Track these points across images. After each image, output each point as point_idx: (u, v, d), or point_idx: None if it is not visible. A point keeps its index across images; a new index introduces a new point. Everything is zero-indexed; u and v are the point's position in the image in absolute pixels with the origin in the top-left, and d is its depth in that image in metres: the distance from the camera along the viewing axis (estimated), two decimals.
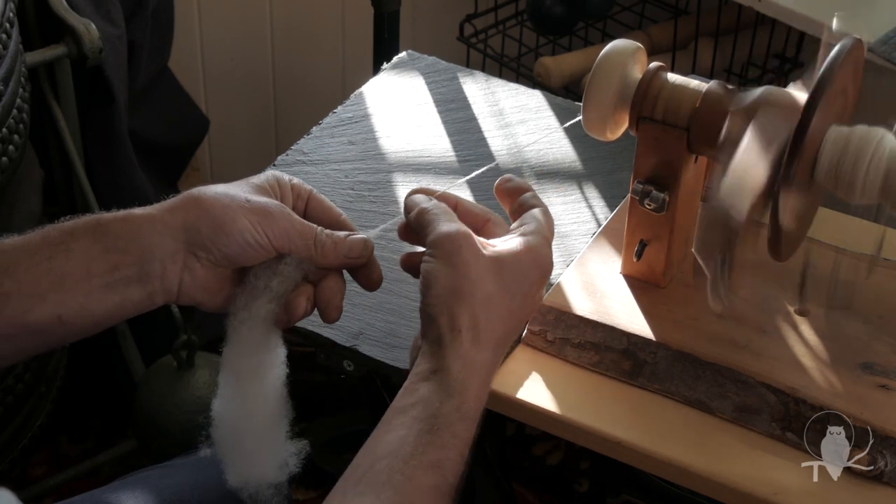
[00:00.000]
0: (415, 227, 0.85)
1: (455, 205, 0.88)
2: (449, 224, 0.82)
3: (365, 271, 0.88)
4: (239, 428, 0.85)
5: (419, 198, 0.87)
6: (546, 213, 0.88)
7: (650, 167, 0.90)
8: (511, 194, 0.90)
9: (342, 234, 0.86)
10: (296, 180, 0.88)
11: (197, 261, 0.82)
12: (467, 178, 1.02)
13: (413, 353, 0.84)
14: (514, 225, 0.88)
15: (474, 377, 0.79)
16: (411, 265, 0.88)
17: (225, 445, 0.86)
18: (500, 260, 0.82)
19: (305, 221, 0.85)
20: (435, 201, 0.86)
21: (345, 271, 0.88)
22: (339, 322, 0.98)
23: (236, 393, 0.85)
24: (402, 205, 1.09)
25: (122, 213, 0.82)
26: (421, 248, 0.85)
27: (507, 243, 0.84)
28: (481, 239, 0.83)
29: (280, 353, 0.86)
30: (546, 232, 0.86)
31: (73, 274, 0.79)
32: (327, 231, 0.85)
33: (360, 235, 0.86)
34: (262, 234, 0.82)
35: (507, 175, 0.92)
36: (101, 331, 0.83)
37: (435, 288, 0.80)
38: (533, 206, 0.88)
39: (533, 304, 0.86)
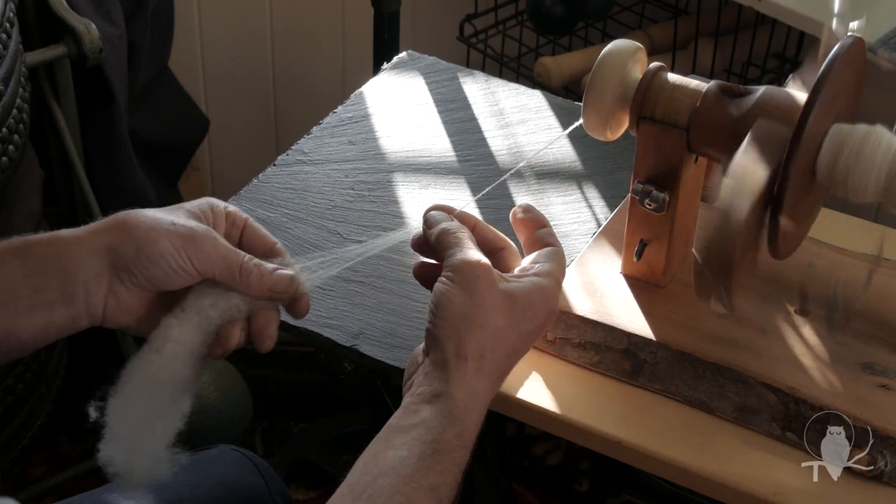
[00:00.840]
0: (435, 246, 0.84)
1: (474, 226, 0.88)
2: (472, 252, 0.82)
3: (293, 302, 0.86)
4: (133, 420, 0.83)
5: (440, 215, 0.86)
6: (561, 254, 0.88)
7: (650, 167, 0.90)
8: (528, 225, 0.90)
9: (270, 266, 0.83)
10: (231, 208, 0.87)
11: (121, 283, 0.81)
12: (480, 194, 1.03)
13: (411, 367, 0.84)
14: (528, 259, 0.87)
15: (475, 406, 0.79)
16: (423, 276, 0.88)
17: (114, 424, 0.83)
18: (513, 297, 0.82)
19: (233, 248, 0.83)
20: (458, 223, 0.85)
21: None
22: (339, 322, 0.98)
23: (136, 396, 0.83)
24: (402, 205, 1.10)
25: (48, 234, 0.81)
26: (433, 261, 0.84)
27: (522, 282, 0.84)
28: (497, 272, 0.83)
29: (195, 383, 0.84)
30: (559, 275, 0.86)
31: None
32: (256, 260, 0.83)
33: (288, 271, 0.84)
34: (186, 259, 0.81)
35: (527, 204, 0.91)
36: (28, 353, 0.82)
37: (447, 311, 0.80)
38: (549, 244, 0.88)
39: (532, 343, 0.86)
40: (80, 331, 0.82)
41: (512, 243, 0.90)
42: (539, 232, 0.89)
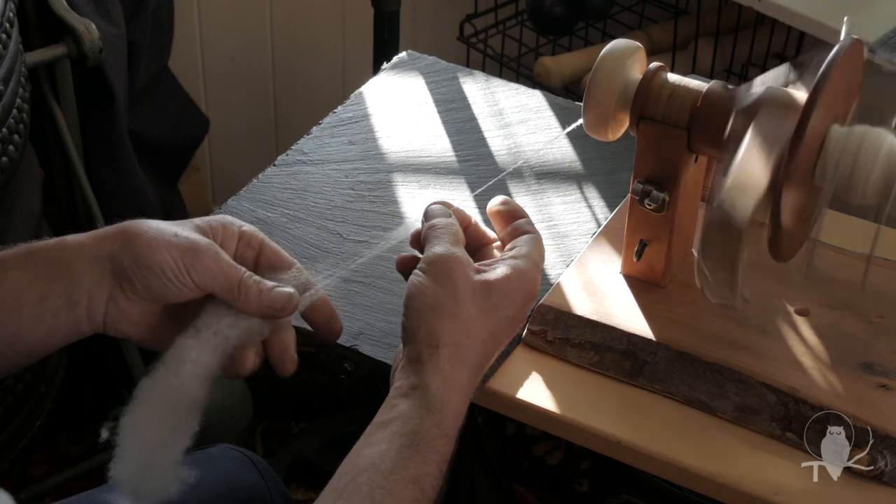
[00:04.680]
0: (422, 240, 0.86)
1: (468, 224, 0.90)
2: (447, 245, 0.83)
3: (324, 326, 0.87)
4: (145, 447, 0.82)
5: (439, 209, 0.88)
6: (538, 240, 0.89)
7: (650, 167, 0.90)
8: (505, 218, 0.91)
9: (270, 284, 0.83)
10: (247, 227, 0.86)
11: (122, 292, 0.80)
12: (478, 191, 1.04)
13: (395, 365, 0.85)
14: (506, 248, 0.89)
15: (453, 394, 0.80)
16: (405, 268, 0.89)
17: (127, 443, 0.82)
18: (489, 285, 0.83)
19: (233, 263, 0.82)
20: (449, 220, 0.87)
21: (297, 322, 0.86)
22: None
23: (153, 418, 0.81)
24: (402, 205, 1.10)
25: (54, 240, 0.81)
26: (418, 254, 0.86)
27: (497, 268, 0.84)
28: (476, 263, 0.84)
29: (204, 399, 0.82)
30: (536, 257, 0.87)
31: (3, 305, 0.78)
32: (256, 277, 0.82)
33: (287, 289, 0.83)
34: (184, 271, 0.80)
35: (505, 197, 0.92)
36: (34, 361, 0.82)
37: (417, 302, 0.81)
38: (526, 232, 0.89)
39: (515, 327, 0.87)
40: (83, 337, 0.82)
41: (500, 242, 0.91)
42: (516, 223, 0.90)
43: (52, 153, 1.54)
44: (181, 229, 0.82)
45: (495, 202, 0.92)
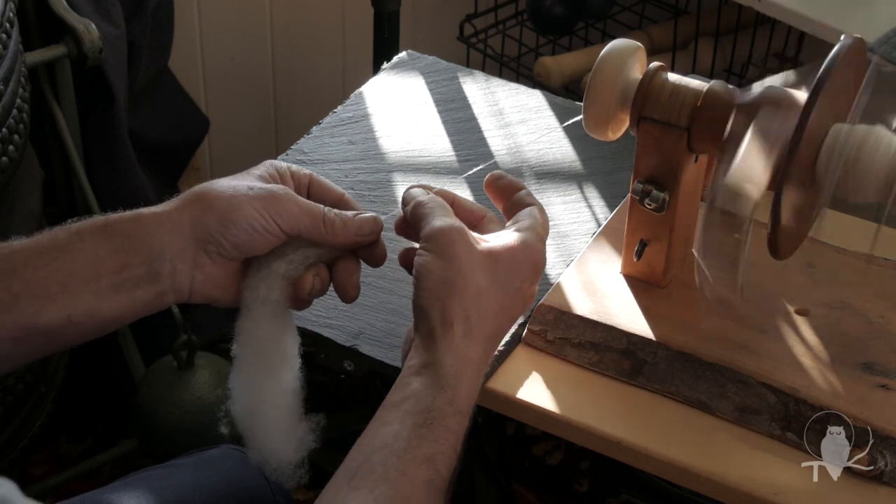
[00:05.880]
0: (410, 220, 0.85)
1: (452, 201, 0.88)
2: (443, 218, 0.82)
3: (369, 249, 0.88)
4: (256, 407, 0.85)
5: (416, 191, 0.87)
6: (541, 210, 0.88)
7: (650, 167, 0.90)
8: (503, 191, 0.90)
9: (350, 213, 0.86)
10: (294, 167, 0.88)
11: (207, 256, 0.82)
12: (466, 174, 1.02)
13: (405, 346, 0.84)
14: (508, 223, 0.88)
15: (466, 371, 0.79)
16: (408, 261, 0.88)
17: (243, 424, 0.86)
18: (493, 255, 0.82)
19: (311, 202, 0.85)
20: (432, 195, 0.86)
21: None
22: (339, 322, 0.98)
23: (252, 373, 0.85)
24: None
25: (129, 213, 0.82)
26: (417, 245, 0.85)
27: (501, 238, 0.84)
28: (476, 234, 0.83)
29: (294, 334, 0.86)
30: (540, 229, 0.86)
31: (80, 274, 0.78)
32: (335, 210, 0.85)
33: (369, 213, 0.86)
34: (270, 220, 0.82)
35: (498, 172, 0.91)
36: (111, 331, 0.83)
37: (427, 280, 0.80)
38: (528, 205, 0.88)
39: (525, 300, 0.86)
40: (165, 308, 0.83)
41: (492, 213, 0.90)
42: (516, 195, 0.89)
43: (52, 153, 1.54)
44: (251, 181, 0.84)
45: (490, 179, 0.91)
